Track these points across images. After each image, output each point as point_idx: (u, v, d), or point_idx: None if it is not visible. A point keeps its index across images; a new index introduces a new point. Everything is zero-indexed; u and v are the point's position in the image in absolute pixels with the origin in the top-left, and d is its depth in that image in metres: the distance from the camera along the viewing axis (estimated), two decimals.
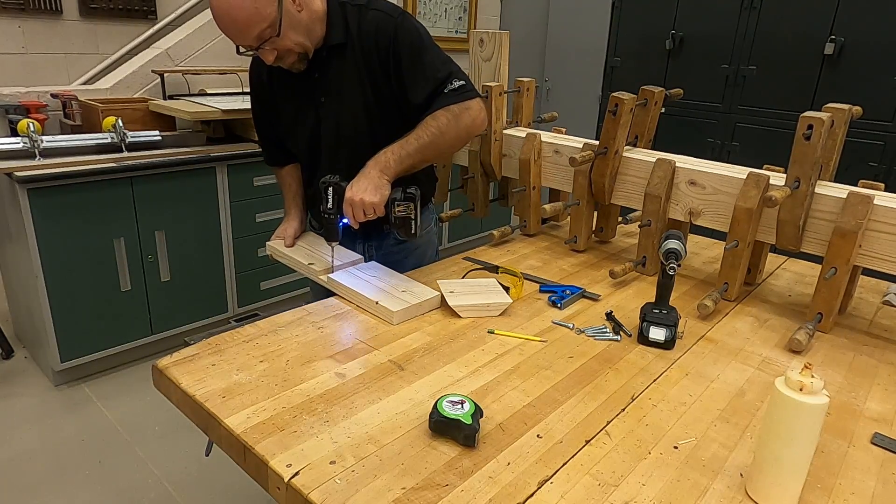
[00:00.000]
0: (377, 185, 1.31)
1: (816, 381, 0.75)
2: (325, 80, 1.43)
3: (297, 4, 1.31)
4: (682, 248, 1.21)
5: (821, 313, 1.30)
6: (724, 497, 0.81)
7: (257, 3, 1.24)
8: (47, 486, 2.04)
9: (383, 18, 1.37)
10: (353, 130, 1.46)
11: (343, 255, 1.50)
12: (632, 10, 3.78)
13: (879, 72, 2.93)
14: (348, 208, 1.32)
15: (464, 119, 1.35)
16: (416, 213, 1.32)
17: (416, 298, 1.29)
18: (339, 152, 1.49)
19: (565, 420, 0.96)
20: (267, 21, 1.26)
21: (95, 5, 3.01)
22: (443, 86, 1.36)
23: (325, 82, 1.44)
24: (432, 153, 1.38)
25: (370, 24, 1.37)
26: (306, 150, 1.55)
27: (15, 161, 2.29)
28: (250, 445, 0.86)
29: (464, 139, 1.40)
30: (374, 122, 1.44)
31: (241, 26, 1.26)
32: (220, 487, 2.07)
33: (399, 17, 1.37)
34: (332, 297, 1.38)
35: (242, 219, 2.89)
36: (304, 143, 1.53)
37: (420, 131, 1.35)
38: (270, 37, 1.29)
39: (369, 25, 1.37)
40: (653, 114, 1.66)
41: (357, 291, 1.32)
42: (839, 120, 1.37)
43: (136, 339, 2.67)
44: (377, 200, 1.30)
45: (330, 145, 1.50)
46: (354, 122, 1.45)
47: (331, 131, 1.48)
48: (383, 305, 1.25)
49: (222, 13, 1.26)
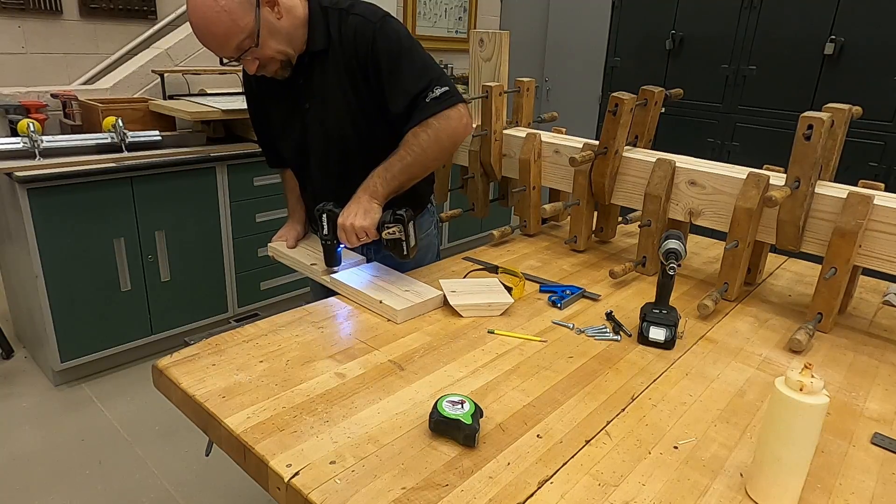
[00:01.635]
0: (367, 209, 1.35)
1: (816, 381, 0.75)
2: (309, 86, 1.43)
3: (277, 12, 1.30)
4: (682, 248, 1.21)
5: (821, 313, 1.30)
6: (724, 497, 0.81)
7: (233, 16, 1.23)
8: (47, 486, 2.04)
9: (362, 24, 1.35)
10: (339, 135, 1.46)
11: (345, 256, 1.50)
12: (632, 10, 3.78)
13: (879, 72, 2.93)
14: (341, 233, 1.36)
15: (444, 132, 1.35)
16: (405, 234, 1.34)
17: (420, 297, 1.30)
18: (328, 157, 1.50)
19: (565, 420, 0.96)
20: (245, 32, 1.26)
21: (95, 5, 3.01)
22: (423, 94, 1.34)
23: (309, 88, 1.43)
24: (418, 170, 1.39)
25: (350, 28, 1.36)
26: (296, 156, 1.56)
27: (15, 161, 2.29)
28: (250, 445, 0.86)
29: (449, 150, 1.41)
30: (359, 126, 1.44)
31: (220, 39, 1.26)
32: (220, 487, 2.07)
33: (379, 22, 1.35)
34: (332, 296, 1.38)
35: (242, 219, 2.89)
36: (293, 148, 1.54)
37: (403, 151, 1.36)
38: (250, 47, 1.29)
39: (349, 31, 1.36)
40: (653, 114, 1.66)
41: (360, 291, 1.32)
42: (839, 120, 1.37)
43: (136, 339, 2.67)
44: (367, 224, 1.33)
45: (318, 151, 1.50)
46: (340, 127, 1.44)
47: (317, 137, 1.48)
48: (387, 304, 1.26)
49: (200, 27, 1.26)
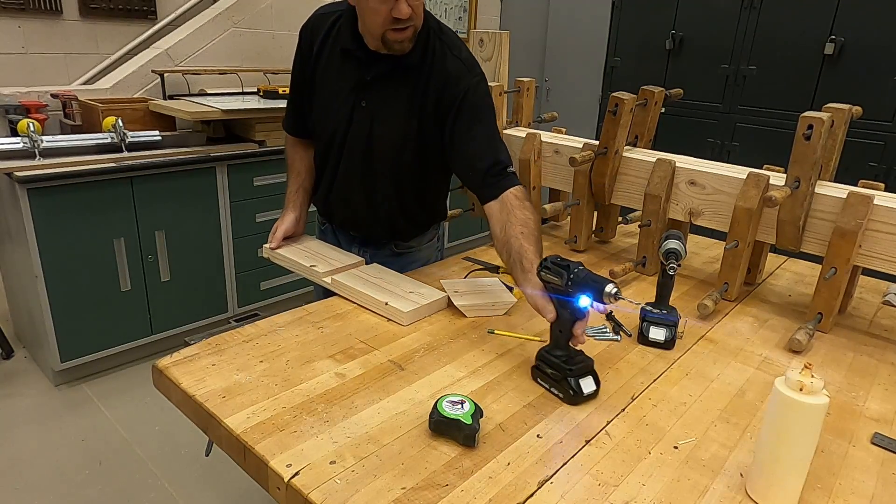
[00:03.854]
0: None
1: (816, 381, 0.75)
2: (375, 87, 1.39)
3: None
4: (682, 248, 1.22)
5: (821, 313, 1.30)
6: (724, 497, 0.81)
7: None
8: (47, 486, 2.04)
9: (463, 71, 1.35)
10: (382, 145, 1.43)
11: (343, 258, 1.49)
12: (632, 10, 3.78)
13: (879, 72, 2.93)
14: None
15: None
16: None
17: (425, 299, 1.29)
18: (358, 159, 1.46)
19: (565, 420, 0.96)
20: None
21: (95, 5, 3.01)
22: (503, 166, 1.32)
23: (374, 89, 1.40)
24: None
25: (449, 67, 1.35)
26: (326, 142, 1.50)
27: (15, 161, 2.29)
28: (250, 445, 0.86)
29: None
30: (405, 149, 1.42)
31: None
32: (220, 487, 2.07)
33: (477, 77, 1.36)
34: (332, 296, 1.38)
35: (242, 219, 2.89)
36: (327, 135, 1.48)
37: (532, 229, 1.22)
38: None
39: (447, 68, 1.35)
40: (653, 114, 1.66)
41: (365, 293, 1.31)
42: (839, 120, 1.37)
43: (136, 339, 2.67)
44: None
45: (355, 149, 1.46)
46: (387, 138, 1.42)
47: (360, 136, 1.44)
48: (394, 306, 1.25)
49: None
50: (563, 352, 1.03)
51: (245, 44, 3.45)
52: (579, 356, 1.03)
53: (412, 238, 1.63)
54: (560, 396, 1.01)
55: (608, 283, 0.95)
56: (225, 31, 3.37)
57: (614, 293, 0.95)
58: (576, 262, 1.01)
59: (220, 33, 3.36)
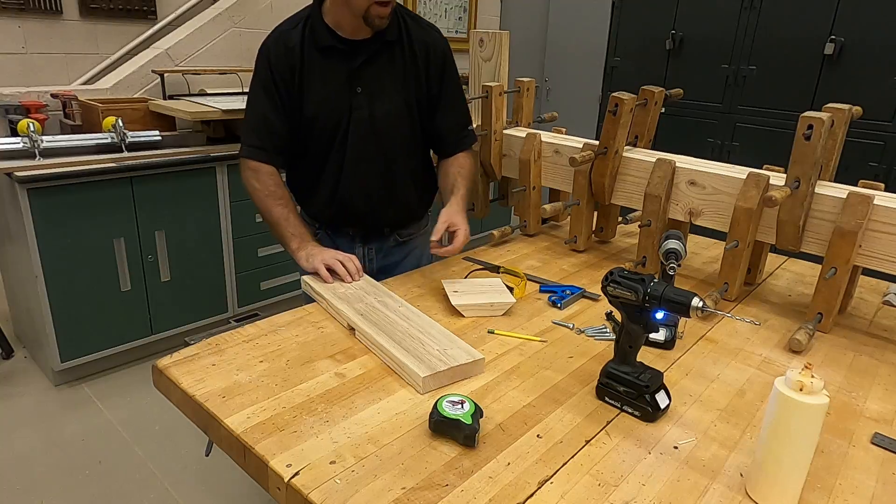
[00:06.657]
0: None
1: (816, 381, 0.75)
2: (366, 70, 1.46)
3: None
4: (682, 248, 1.22)
5: (821, 313, 1.30)
6: (724, 497, 0.81)
7: None
8: (47, 486, 2.04)
9: (439, 38, 1.53)
10: (386, 121, 1.49)
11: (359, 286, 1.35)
12: (632, 10, 3.78)
13: (879, 72, 2.93)
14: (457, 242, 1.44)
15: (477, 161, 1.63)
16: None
17: (455, 361, 1.05)
18: (366, 143, 1.50)
19: (565, 420, 0.96)
20: None
21: (95, 5, 3.01)
22: (468, 124, 1.61)
23: (365, 73, 1.46)
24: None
25: (424, 36, 1.50)
26: (327, 141, 1.49)
27: (15, 161, 2.29)
28: (250, 445, 0.86)
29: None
30: (407, 119, 1.52)
31: None
32: (220, 487, 2.07)
33: (445, 39, 1.54)
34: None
35: (242, 219, 2.88)
36: (329, 131, 1.48)
37: (466, 180, 1.57)
38: None
39: (423, 38, 1.49)
40: (653, 114, 1.66)
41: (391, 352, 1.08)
42: (839, 120, 1.37)
43: (136, 339, 2.67)
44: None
45: (360, 134, 1.49)
46: (390, 114, 1.49)
47: (362, 122, 1.48)
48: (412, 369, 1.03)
49: None
50: (633, 367, 0.98)
51: (245, 44, 3.45)
52: (648, 370, 0.98)
53: (412, 224, 1.68)
54: (636, 414, 0.96)
55: (693, 296, 0.87)
56: (225, 31, 3.37)
57: (701, 306, 0.87)
58: (649, 276, 0.94)
59: (220, 33, 3.36)
